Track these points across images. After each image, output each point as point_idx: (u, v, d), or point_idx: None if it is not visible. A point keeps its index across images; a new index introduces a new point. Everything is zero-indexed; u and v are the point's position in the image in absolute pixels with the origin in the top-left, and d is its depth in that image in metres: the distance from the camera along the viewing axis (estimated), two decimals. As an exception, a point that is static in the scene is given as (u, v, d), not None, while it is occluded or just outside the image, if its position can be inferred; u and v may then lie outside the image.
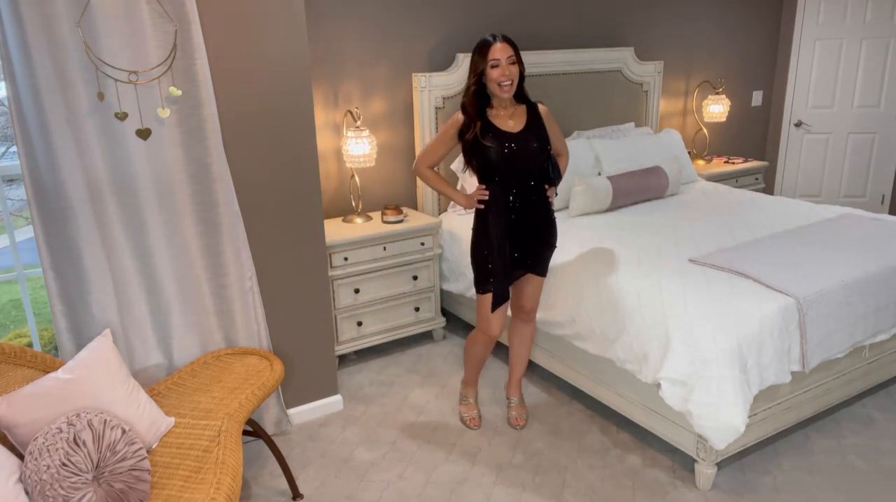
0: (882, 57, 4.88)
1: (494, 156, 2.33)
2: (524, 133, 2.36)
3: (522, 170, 2.36)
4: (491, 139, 2.34)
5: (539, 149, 2.37)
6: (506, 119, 2.37)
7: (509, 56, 2.26)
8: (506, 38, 2.30)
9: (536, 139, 2.37)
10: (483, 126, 2.35)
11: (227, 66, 2.34)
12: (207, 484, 1.76)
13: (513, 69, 2.28)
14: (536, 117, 2.42)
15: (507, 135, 2.35)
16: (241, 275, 2.49)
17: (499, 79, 2.27)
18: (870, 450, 2.55)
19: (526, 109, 2.42)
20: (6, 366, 1.90)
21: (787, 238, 2.93)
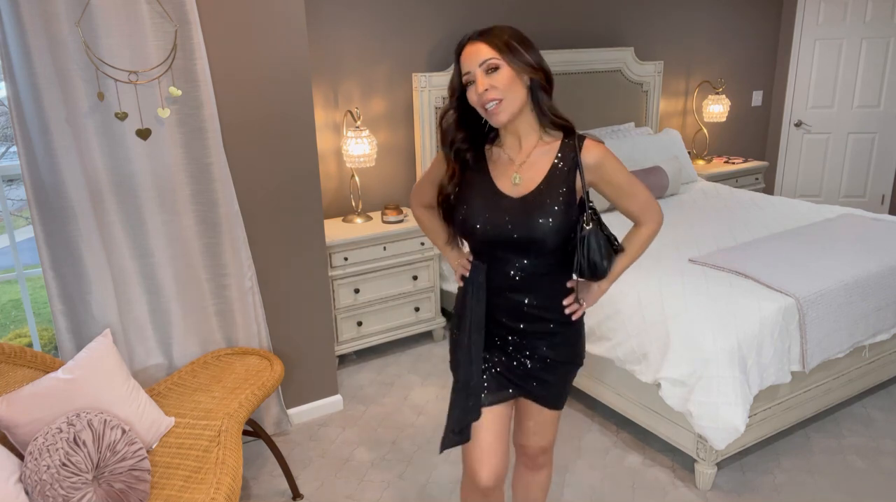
0: (882, 57, 4.88)
1: (469, 234, 1.55)
2: (530, 200, 1.49)
3: (519, 255, 1.54)
4: (470, 201, 1.53)
5: (554, 228, 1.48)
6: (509, 168, 1.53)
7: (486, 61, 1.42)
8: (485, 34, 1.45)
9: (549, 212, 1.47)
10: (471, 175, 1.56)
11: (228, 67, 2.34)
12: (207, 484, 1.76)
13: (499, 79, 1.42)
14: (567, 168, 1.50)
15: (497, 199, 1.51)
16: (241, 275, 2.49)
17: (478, 101, 1.45)
18: (870, 450, 2.55)
19: (557, 150, 1.52)
20: (6, 366, 1.90)
21: (787, 238, 2.93)
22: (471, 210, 1.52)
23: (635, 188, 1.56)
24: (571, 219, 1.50)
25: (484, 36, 1.44)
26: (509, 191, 1.51)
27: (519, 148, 1.53)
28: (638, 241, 1.63)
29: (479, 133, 1.57)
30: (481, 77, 1.42)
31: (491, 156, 1.58)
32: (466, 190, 1.55)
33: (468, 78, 1.44)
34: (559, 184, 1.49)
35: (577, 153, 1.49)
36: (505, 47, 1.42)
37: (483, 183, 1.54)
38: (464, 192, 1.55)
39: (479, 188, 1.54)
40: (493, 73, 1.41)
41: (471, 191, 1.54)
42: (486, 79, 1.42)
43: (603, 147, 1.51)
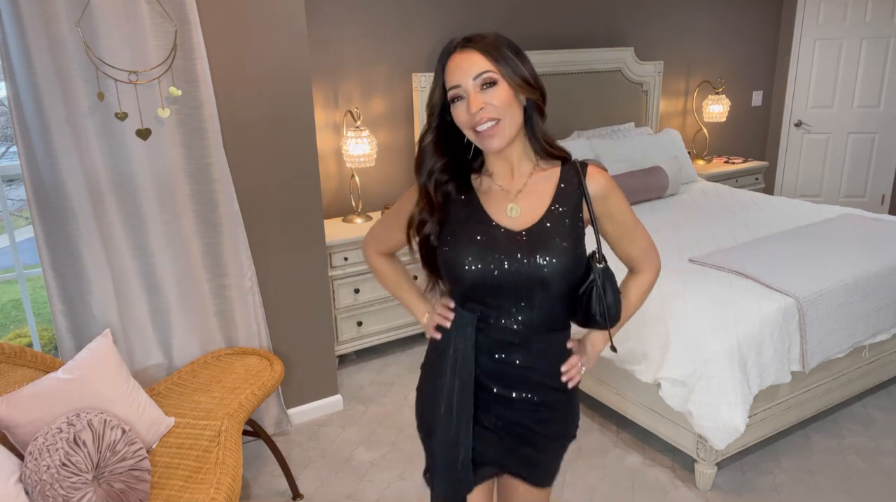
0: (882, 57, 4.88)
1: (456, 277, 1.28)
2: (534, 233, 1.26)
3: (518, 302, 1.28)
4: (459, 235, 1.28)
5: (562, 268, 1.25)
6: (503, 199, 1.30)
7: (482, 74, 1.19)
8: (477, 42, 1.21)
9: (556, 248, 1.24)
10: (457, 208, 1.31)
11: (228, 67, 2.34)
12: (207, 484, 1.76)
13: (497, 97, 1.19)
14: (571, 198, 1.29)
15: (493, 233, 1.27)
16: (241, 275, 2.48)
17: (468, 122, 1.21)
18: (870, 450, 2.55)
19: (559, 177, 1.31)
20: (6, 366, 1.90)
21: (787, 238, 2.93)
22: (459, 246, 1.26)
23: (638, 228, 1.37)
24: (580, 256, 1.27)
25: (477, 43, 1.20)
26: (506, 223, 1.27)
27: (511, 177, 1.30)
28: (638, 290, 1.42)
29: (463, 160, 1.32)
30: (475, 93, 1.18)
31: (479, 186, 1.33)
32: (453, 224, 1.29)
33: (456, 93, 1.20)
34: (566, 214, 1.27)
35: (581, 179, 1.29)
36: (503, 59, 1.19)
37: (473, 213, 1.29)
38: (450, 227, 1.29)
39: (468, 219, 1.29)
40: (489, 90, 1.19)
41: (459, 224, 1.29)
42: (481, 95, 1.19)
43: (608, 175, 1.31)
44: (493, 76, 1.19)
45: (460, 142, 1.30)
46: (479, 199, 1.32)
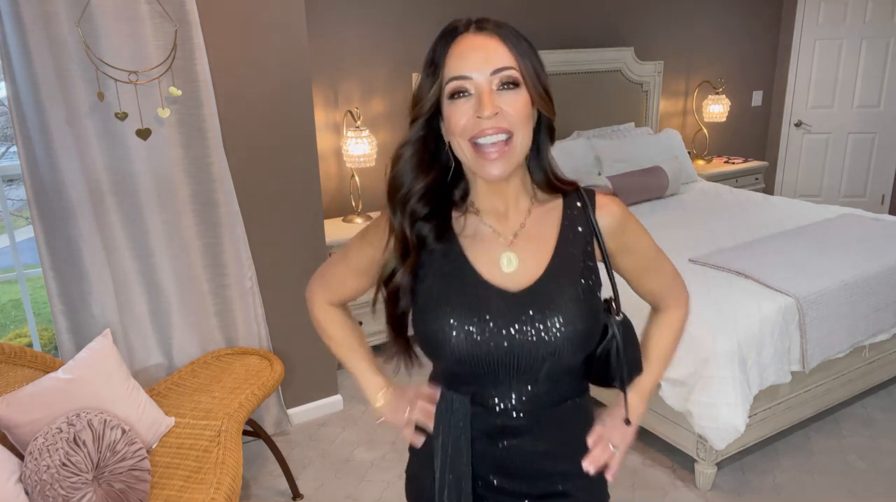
0: (882, 57, 4.88)
1: (438, 352, 0.99)
2: (539, 293, 0.97)
3: (520, 379, 1.00)
4: (439, 299, 0.98)
5: (577, 333, 0.96)
6: (493, 245, 1.00)
7: (503, 70, 0.90)
8: (492, 24, 0.95)
9: (567, 309, 0.96)
10: (434, 257, 1.00)
11: (227, 66, 2.34)
12: (207, 484, 1.76)
13: (516, 104, 0.91)
14: (580, 238, 1.02)
15: (484, 295, 0.97)
16: (241, 275, 2.48)
17: (468, 128, 0.91)
18: (870, 450, 2.55)
19: (561, 213, 1.03)
20: (6, 366, 1.90)
21: (787, 238, 2.93)
22: (438, 312, 0.96)
23: (661, 258, 1.12)
24: (597, 314, 1.00)
25: (499, 28, 0.93)
26: (500, 280, 0.97)
27: (505, 216, 1.01)
28: (671, 333, 1.17)
29: (444, 189, 1.00)
30: (489, 93, 0.89)
31: (462, 227, 1.01)
32: (429, 280, 0.99)
33: (460, 85, 0.90)
34: (575, 260, 0.99)
35: (589, 211, 1.02)
36: (528, 57, 0.92)
37: (456, 267, 0.99)
38: (425, 284, 0.99)
39: (449, 275, 0.98)
40: (507, 92, 0.90)
41: (436, 279, 0.98)
42: (497, 97, 0.89)
43: (620, 203, 1.06)
44: (517, 76, 0.90)
45: (440, 162, 0.99)
46: (462, 247, 1.00)
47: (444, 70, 0.92)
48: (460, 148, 0.93)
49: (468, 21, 0.95)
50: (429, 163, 0.98)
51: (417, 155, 0.98)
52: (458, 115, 0.91)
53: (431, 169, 0.99)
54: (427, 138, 0.98)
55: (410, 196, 0.98)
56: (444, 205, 1.02)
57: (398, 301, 1.03)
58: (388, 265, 1.03)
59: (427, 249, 1.00)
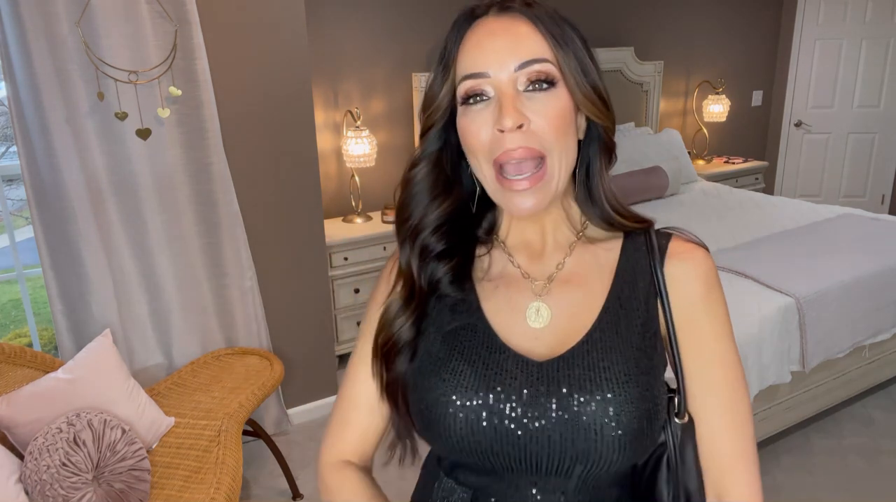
0: (882, 57, 4.88)
1: (442, 430, 0.71)
2: (576, 366, 0.70)
3: (543, 482, 0.72)
4: (441, 367, 0.74)
5: (624, 434, 0.67)
6: (520, 292, 0.77)
7: (532, 62, 0.67)
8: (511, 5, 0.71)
9: (616, 392, 0.68)
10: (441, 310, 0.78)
11: (227, 66, 2.34)
12: (207, 484, 1.76)
13: (550, 108, 0.68)
14: (642, 295, 0.75)
15: (501, 363, 0.72)
16: (241, 275, 2.49)
17: (488, 147, 0.69)
18: (870, 450, 2.55)
19: (618, 257, 0.77)
20: (6, 366, 1.90)
21: (787, 238, 2.93)
22: (437, 383, 0.72)
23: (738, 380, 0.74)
24: (657, 405, 0.70)
25: (527, 7, 0.70)
26: (523, 343, 0.73)
27: (541, 253, 0.78)
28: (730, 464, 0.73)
29: (466, 218, 0.79)
30: (512, 96, 0.67)
31: (486, 266, 0.79)
32: (431, 336, 0.76)
33: (475, 86, 0.68)
34: (632, 326, 0.73)
35: (656, 259, 0.75)
36: (567, 43, 0.70)
37: (467, 322, 0.75)
38: (426, 341, 0.76)
39: (457, 333, 0.75)
40: (538, 94, 0.67)
41: (440, 340, 0.76)
42: (524, 101, 0.67)
43: (708, 256, 0.77)
44: (552, 71, 0.68)
45: (461, 183, 0.78)
46: (478, 294, 0.77)
47: (456, 65, 0.70)
48: (481, 170, 0.71)
49: (490, 1, 0.71)
50: (446, 184, 0.76)
51: (432, 175, 0.76)
52: (476, 127, 0.69)
53: (450, 192, 0.76)
54: (444, 152, 0.76)
55: (423, 227, 0.76)
56: (466, 240, 0.78)
57: (394, 359, 0.77)
58: (388, 310, 0.78)
59: (437, 295, 0.77)
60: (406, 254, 0.77)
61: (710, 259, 0.76)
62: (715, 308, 0.74)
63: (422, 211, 0.76)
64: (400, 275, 0.79)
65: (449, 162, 0.76)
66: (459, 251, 0.78)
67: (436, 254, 0.76)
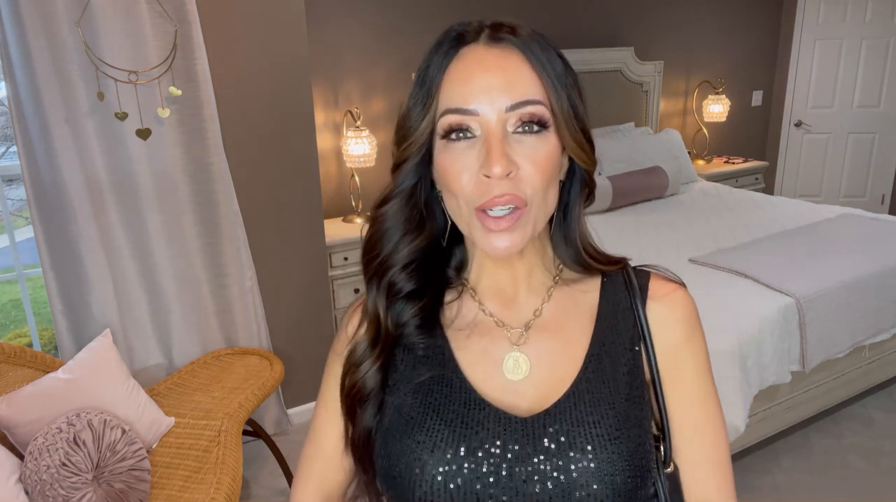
0: (882, 57, 4.88)
1: (415, 495, 0.65)
2: (561, 421, 0.66)
3: None
4: (411, 425, 0.68)
5: (613, 492, 0.63)
6: (494, 342, 0.72)
7: (526, 104, 0.62)
8: (510, 32, 0.66)
9: (604, 452, 0.64)
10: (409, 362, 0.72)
11: (227, 66, 2.34)
12: (207, 484, 1.76)
13: (538, 153, 0.63)
14: (625, 338, 0.72)
15: (478, 419, 0.67)
16: (241, 275, 2.49)
17: (472, 193, 0.64)
18: (870, 450, 2.55)
19: (598, 299, 0.74)
20: (6, 366, 1.90)
21: (787, 238, 2.93)
22: (410, 443, 0.67)
23: (716, 418, 0.73)
24: (646, 458, 0.67)
25: (521, 40, 0.65)
26: (503, 397, 0.69)
27: (514, 299, 0.73)
28: None
29: (438, 257, 0.74)
30: (501, 138, 0.62)
31: (454, 314, 0.74)
32: (401, 391, 0.71)
33: (461, 121, 0.63)
34: (617, 374, 0.70)
35: (637, 302, 0.72)
36: (562, 85, 0.65)
37: (441, 375, 0.71)
38: (395, 398, 0.71)
39: (430, 388, 0.70)
40: (528, 136, 0.63)
41: (412, 396, 0.70)
42: (513, 143, 0.63)
43: (689, 296, 0.75)
44: (545, 113, 0.63)
45: (435, 219, 0.72)
46: (451, 345, 0.72)
47: (438, 96, 0.65)
48: (459, 211, 0.66)
49: (479, 26, 0.66)
50: (419, 220, 0.71)
51: (405, 211, 0.71)
52: (458, 168, 0.63)
53: (422, 228, 0.71)
54: (418, 187, 0.70)
55: (392, 264, 0.71)
56: (436, 280, 0.74)
57: (360, 408, 0.71)
58: (354, 352, 0.73)
59: (403, 344, 0.72)
60: (373, 294, 0.73)
61: (690, 298, 0.74)
62: (698, 348, 0.73)
63: (391, 247, 0.71)
64: (365, 316, 0.74)
65: (423, 197, 0.71)
66: (428, 292, 0.72)
67: (404, 293, 0.71)
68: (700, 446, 0.72)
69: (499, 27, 0.66)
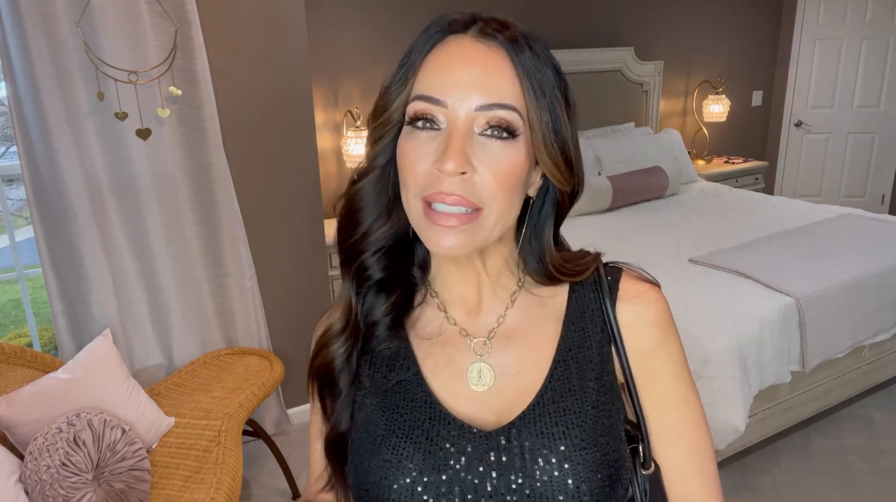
0: (882, 57, 4.88)
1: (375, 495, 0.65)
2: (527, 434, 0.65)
3: None
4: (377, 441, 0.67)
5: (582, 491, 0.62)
6: (459, 351, 0.70)
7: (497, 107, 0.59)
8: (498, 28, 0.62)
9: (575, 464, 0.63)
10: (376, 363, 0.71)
11: (227, 66, 2.34)
12: (207, 484, 1.76)
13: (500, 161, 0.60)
14: (594, 343, 0.69)
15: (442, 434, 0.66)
16: (241, 275, 2.49)
17: (421, 183, 0.61)
18: (870, 450, 2.55)
19: (566, 303, 0.71)
20: (6, 366, 1.90)
21: (787, 238, 2.93)
22: (375, 458, 0.67)
23: (698, 420, 0.73)
24: (620, 465, 0.66)
25: (510, 39, 0.62)
26: (467, 410, 0.68)
27: (477, 306, 0.71)
28: None
29: (408, 251, 0.72)
30: (463, 135, 0.59)
31: (415, 320, 0.73)
32: (368, 403, 0.70)
33: (426, 110, 0.61)
34: (586, 381, 0.68)
35: (606, 302, 0.70)
36: (545, 91, 0.63)
37: (404, 387, 0.69)
38: (363, 412, 0.70)
39: (394, 399, 0.69)
40: (494, 142, 0.60)
41: (378, 408, 0.69)
42: (476, 146, 0.60)
43: (661, 295, 0.72)
44: (516, 121, 0.60)
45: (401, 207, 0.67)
46: (415, 353, 0.70)
47: (415, 80, 0.62)
48: (407, 201, 0.63)
49: (472, 17, 0.63)
50: (388, 205, 0.68)
51: (376, 190, 0.67)
52: (415, 157, 0.61)
53: (390, 214, 0.68)
54: (387, 169, 0.67)
55: (363, 247, 0.68)
56: (405, 277, 0.71)
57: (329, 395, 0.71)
58: (324, 336, 0.72)
59: (371, 350, 0.70)
60: (347, 279, 0.71)
61: (662, 299, 0.71)
62: (672, 350, 0.70)
63: (364, 229, 0.68)
64: (338, 307, 0.72)
65: (391, 179, 0.67)
66: (398, 287, 0.70)
67: (374, 281, 0.69)
68: (680, 447, 0.70)
69: (490, 22, 0.62)
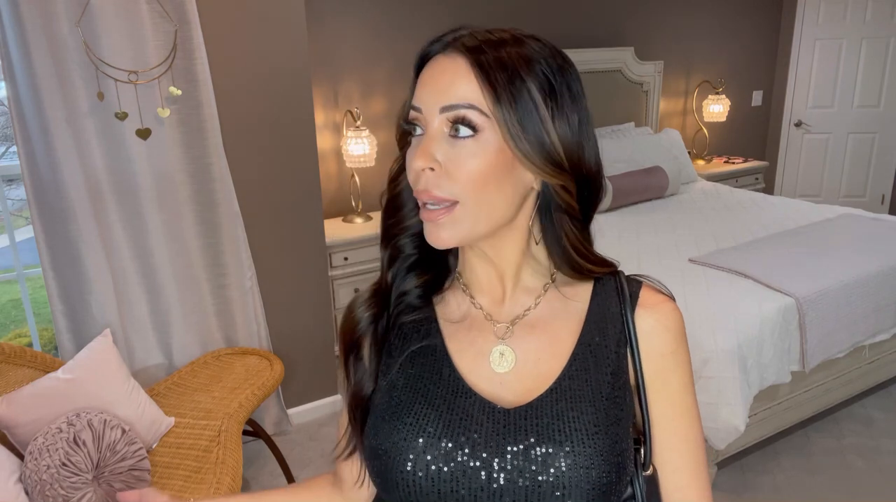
0: (882, 57, 4.88)
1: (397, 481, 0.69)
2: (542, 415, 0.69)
3: None
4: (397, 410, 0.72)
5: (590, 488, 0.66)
6: (483, 333, 0.75)
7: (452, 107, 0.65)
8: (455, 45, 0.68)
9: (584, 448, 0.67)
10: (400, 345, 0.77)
11: (227, 66, 2.34)
12: (207, 484, 1.77)
13: (466, 156, 0.65)
14: (612, 342, 0.74)
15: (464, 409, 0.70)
16: (241, 275, 2.49)
17: (412, 181, 0.70)
18: (870, 450, 2.55)
19: (588, 303, 0.76)
20: (6, 366, 1.90)
21: (788, 238, 2.93)
22: (396, 427, 0.70)
23: (691, 417, 0.76)
24: (624, 458, 0.69)
25: (471, 48, 0.66)
26: (489, 388, 0.72)
27: (501, 294, 0.75)
28: None
29: None
30: (431, 137, 0.66)
31: (446, 305, 0.78)
32: (393, 375, 0.75)
33: (413, 117, 0.69)
34: (601, 375, 0.72)
35: (626, 310, 0.74)
36: (510, 92, 0.64)
37: (431, 363, 0.74)
38: (386, 381, 0.75)
39: (420, 374, 0.73)
40: (462, 141, 0.65)
41: (402, 381, 0.74)
42: (443, 145, 0.66)
43: (676, 307, 0.76)
44: (474, 118, 0.65)
45: None
46: (443, 334, 0.75)
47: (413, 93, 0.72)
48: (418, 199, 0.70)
49: (453, 37, 0.69)
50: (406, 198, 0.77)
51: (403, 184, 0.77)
52: (409, 158, 0.70)
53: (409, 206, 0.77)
54: None
55: (401, 229, 0.76)
56: (439, 264, 0.78)
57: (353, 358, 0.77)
58: (354, 302, 0.80)
59: (399, 323, 0.77)
60: (383, 252, 0.78)
61: (678, 312, 0.76)
62: (683, 361, 0.75)
63: (403, 213, 0.76)
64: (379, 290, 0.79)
65: None
66: (431, 270, 0.78)
67: (409, 261, 0.77)
68: (682, 454, 0.75)
69: (461, 38, 0.69)
